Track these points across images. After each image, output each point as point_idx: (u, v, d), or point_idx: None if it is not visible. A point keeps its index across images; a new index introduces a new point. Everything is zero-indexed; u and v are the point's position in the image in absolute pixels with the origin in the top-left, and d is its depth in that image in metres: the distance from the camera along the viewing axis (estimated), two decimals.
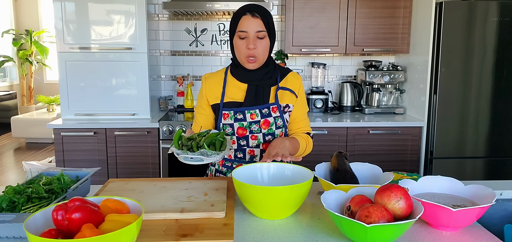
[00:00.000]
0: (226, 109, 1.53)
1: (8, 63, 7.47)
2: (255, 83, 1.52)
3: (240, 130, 1.53)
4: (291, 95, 1.57)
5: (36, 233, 0.89)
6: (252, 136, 1.54)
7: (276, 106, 1.53)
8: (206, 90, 1.59)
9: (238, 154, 1.58)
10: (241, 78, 1.54)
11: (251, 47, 1.44)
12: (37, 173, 1.40)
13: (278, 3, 3.40)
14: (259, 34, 1.44)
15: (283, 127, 1.56)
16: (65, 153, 2.92)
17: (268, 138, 1.55)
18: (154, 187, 1.42)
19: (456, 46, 2.81)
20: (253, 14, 1.43)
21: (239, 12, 1.47)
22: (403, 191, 1.05)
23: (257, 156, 1.57)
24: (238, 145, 1.56)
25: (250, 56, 1.46)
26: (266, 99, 1.53)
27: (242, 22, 1.45)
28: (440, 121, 2.89)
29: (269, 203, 1.15)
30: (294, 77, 1.60)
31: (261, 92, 1.52)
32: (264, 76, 1.52)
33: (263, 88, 1.53)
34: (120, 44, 2.93)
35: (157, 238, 1.06)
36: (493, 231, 1.33)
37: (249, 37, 1.44)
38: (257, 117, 1.52)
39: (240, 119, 1.52)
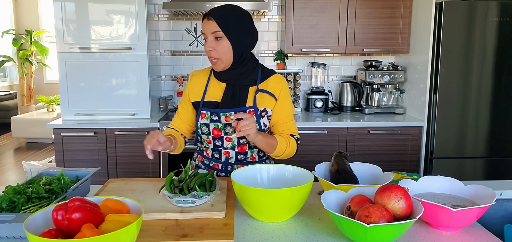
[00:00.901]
0: (204, 109, 1.55)
1: (8, 63, 7.47)
2: (231, 83, 1.53)
3: (216, 131, 1.54)
4: (270, 98, 1.54)
5: (36, 233, 0.89)
6: (226, 138, 1.54)
7: (253, 110, 1.51)
8: (189, 87, 1.63)
9: (214, 154, 1.59)
10: (219, 77, 1.55)
11: (207, 48, 1.47)
12: (37, 173, 1.40)
13: (278, 3, 3.40)
14: (216, 35, 1.44)
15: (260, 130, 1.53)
16: (65, 153, 2.91)
17: (242, 141, 1.54)
18: (154, 187, 1.42)
19: (456, 46, 2.81)
20: (208, 17, 1.45)
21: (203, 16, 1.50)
22: (403, 191, 1.05)
23: (232, 158, 1.57)
24: (214, 145, 1.57)
25: (211, 58, 1.49)
26: (243, 101, 1.52)
27: (202, 26, 1.48)
28: (440, 120, 2.89)
29: (269, 205, 1.15)
30: (276, 80, 1.57)
31: (237, 93, 1.52)
32: (240, 76, 1.51)
33: (240, 88, 1.52)
34: (120, 44, 2.93)
35: (157, 238, 1.06)
36: (493, 231, 1.33)
37: (208, 40, 1.47)
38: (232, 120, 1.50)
39: (215, 121, 1.52)
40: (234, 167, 1.58)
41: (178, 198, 1.23)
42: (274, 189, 1.12)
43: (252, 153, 1.59)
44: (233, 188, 1.23)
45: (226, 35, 1.44)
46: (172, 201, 1.25)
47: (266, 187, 1.34)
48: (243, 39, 1.47)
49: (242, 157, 1.57)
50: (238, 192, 1.18)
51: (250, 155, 1.59)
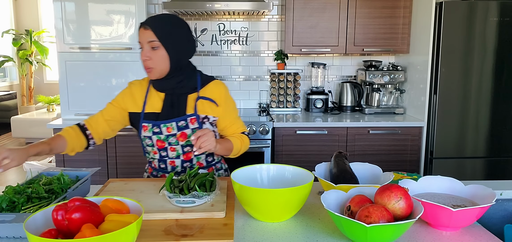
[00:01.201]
0: (145, 121, 1.52)
1: (8, 63, 7.47)
2: (170, 92, 1.52)
3: (159, 143, 1.53)
4: (211, 105, 1.55)
5: (36, 233, 0.89)
6: (170, 148, 1.54)
7: (194, 118, 1.52)
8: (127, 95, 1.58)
9: (160, 164, 1.59)
10: (157, 87, 1.53)
11: (145, 58, 1.45)
12: (37, 173, 1.40)
13: (278, 3, 3.40)
14: (152, 44, 1.43)
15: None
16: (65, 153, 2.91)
17: (186, 149, 1.55)
18: (154, 187, 1.42)
19: (456, 46, 2.81)
20: (144, 26, 1.44)
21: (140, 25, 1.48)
22: (403, 191, 1.05)
23: (178, 167, 1.58)
24: (159, 155, 1.57)
25: (145, 67, 1.47)
26: (182, 109, 1.52)
27: (139, 35, 1.46)
28: (440, 120, 2.89)
29: (269, 205, 1.15)
30: (216, 86, 1.58)
31: (176, 102, 1.52)
32: (178, 85, 1.51)
33: (178, 97, 1.52)
34: (120, 44, 2.93)
35: (157, 238, 1.06)
36: (493, 231, 1.33)
37: (144, 49, 1.45)
38: (173, 130, 1.51)
39: (157, 133, 1.52)
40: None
41: (178, 198, 1.23)
42: (274, 189, 1.12)
43: (198, 159, 1.59)
44: (233, 188, 1.22)
45: (163, 45, 1.44)
46: (172, 201, 1.25)
47: (266, 187, 1.34)
48: (179, 48, 1.48)
49: (188, 164, 1.58)
50: (238, 192, 1.18)
51: (196, 161, 1.59)
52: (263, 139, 2.89)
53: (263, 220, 1.20)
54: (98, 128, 1.56)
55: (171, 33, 1.46)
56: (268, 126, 2.88)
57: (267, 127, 2.88)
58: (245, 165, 1.35)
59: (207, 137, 1.37)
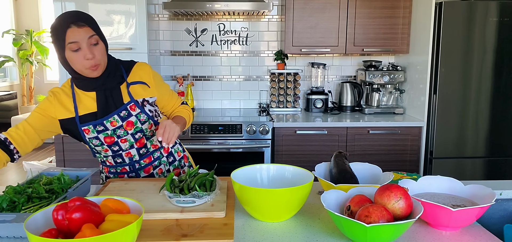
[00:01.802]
0: (84, 125, 1.45)
1: (9, 63, 7.46)
2: (101, 89, 1.46)
3: (107, 139, 1.49)
4: (143, 87, 1.53)
5: (36, 233, 0.89)
6: (121, 140, 1.51)
7: (133, 104, 1.49)
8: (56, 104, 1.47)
9: (117, 159, 1.57)
10: (87, 88, 1.46)
11: (89, 57, 1.35)
12: (38, 173, 1.40)
13: (278, 3, 3.40)
14: (92, 41, 1.36)
15: (149, 119, 1.53)
16: (65, 153, 2.92)
17: (138, 136, 1.53)
18: (154, 187, 1.42)
19: (456, 46, 2.81)
20: (78, 24, 1.33)
21: (62, 25, 1.33)
22: (403, 191, 1.05)
23: (135, 155, 1.57)
24: (112, 151, 1.53)
25: (92, 66, 1.38)
26: (119, 101, 1.48)
27: (69, 35, 1.32)
28: (439, 120, 2.89)
29: (269, 205, 1.15)
30: (140, 68, 1.55)
31: (110, 96, 1.47)
32: (107, 79, 1.46)
33: (111, 91, 1.47)
34: (120, 44, 2.93)
35: (157, 238, 1.06)
36: (492, 231, 1.33)
37: (83, 48, 1.35)
38: (118, 122, 1.48)
39: (102, 130, 1.47)
40: (140, 162, 1.59)
41: (178, 198, 1.24)
42: (274, 189, 1.12)
43: (152, 142, 1.60)
44: (233, 188, 1.23)
45: (100, 38, 1.40)
46: (172, 201, 1.25)
47: (266, 187, 1.34)
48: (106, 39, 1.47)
49: (144, 150, 1.58)
50: (238, 192, 1.18)
51: (150, 144, 1.59)
52: (263, 139, 2.89)
53: (263, 220, 1.21)
54: (26, 139, 1.42)
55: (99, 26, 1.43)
56: (268, 126, 2.88)
57: (267, 127, 2.88)
58: (245, 165, 1.35)
59: (170, 128, 1.37)
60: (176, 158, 1.71)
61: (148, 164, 1.61)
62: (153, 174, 1.63)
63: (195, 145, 2.91)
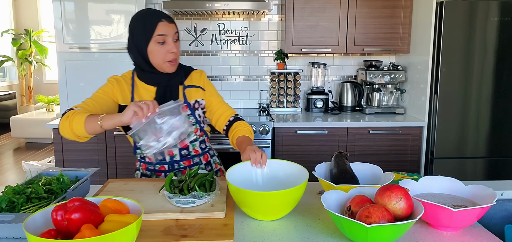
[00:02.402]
0: None
1: (8, 63, 7.46)
2: (163, 85, 1.54)
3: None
4: (197, 90, 1.62)
5: (35, 234, 0.89)
6: None
7: (186, 105, 1.57)
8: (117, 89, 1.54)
9: (158, 156, 1.58)
10: (150, 81, 1.54)
11: (175, 50, 1.49)
12: (37, 173, 1.40)
13: (278, 3, 3.40)
14: (175, 37, 1.50)
15: (196, 123, 1.60)
16: (64, 153, 2.91)
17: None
18: (154, 187, 1.42)
19: (457, 46, 2.80)
20: (169, 20, 1.48)
21: (153, 18, 1.46)
22: (403, 191, 1.05)
23: (176, 155, 1.60)
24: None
25: (172, 60, 1.49)
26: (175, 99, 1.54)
27: (160, 28, 1.45)
28: (440, 120, 2.89)
29: (265, 206, 1.16)
30: (197, 74, 1.65)
31: (169, 92, 1.55)
32: (171, 77, 1.55)
33: (171, 88, 1.56)
34: (120, 44, 2.92)
35: (157, 238, 1.05)
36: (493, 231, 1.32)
37: (169, 42, 1.47)
38: None
39: None
40: (180, 164, 1.61)
41: (178, 198, 1.23)
42: (268, 191, 1.12)
43: (194, 146, 1.63)
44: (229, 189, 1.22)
45: (178, 37, 1.53)
46: (172, 201, 1.24)
47: (261, 183, 1.35)
48: None
49: (186, 152, 1.61)
50: (234, 194, 1.19)
51: (193, 148, 1.63)
52: (263, 139, 2.89)
53: (260, 218, 1.21)
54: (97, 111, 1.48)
55: None
56: (268, 126, 2.88)
57: (267, 127, 2.87)
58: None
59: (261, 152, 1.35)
60: (213, 168, 1.72)
61: (187, 167, 1.63)
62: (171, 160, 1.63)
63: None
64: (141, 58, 1.49)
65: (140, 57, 1.49)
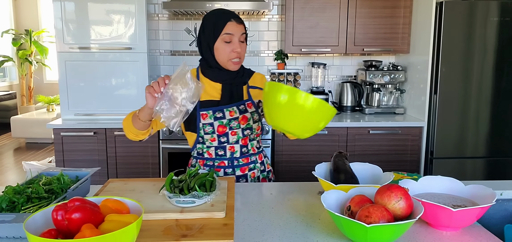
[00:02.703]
0: (203, 109, 1.56)
1: (8, 63, 7.47)
2: (229, 82, 1.60)
3: (220, 128, 1.58)
4: (260, 92, 1.68)
5: (35, 233, 0.89)
6: (231, 132, 1.59)
7: (250, 102, 1.63)
8: None
9: (218, 151, 1.62)
10: (216, 78, 1.60)
11: (239, 50, 1.53)
12: (37, 173, 1.40)
13: (278, 3, 3.40)
14: (241, 38, 1.55)
15: (259, 120, 1.66)
16: (65, 153, 2.91)
17: (246, 132, 1.62)
18: (154, 187, 1.42)
19: (457, 46, 2.80)
20: (238, 20, 1.54)
21: (223, 17, 1.53)
22: (403, 191, 1.05)
23: (237, 151, 1.63)
24: (218, 142, 1.60)
25: (235, 58, 1.54)
26: (240, 97, 1.62)
27: (228, 27, 1.52)
28: (440, 120, 2.89)
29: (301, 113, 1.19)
30: (260, 76, 1.73)
31: (235, 90, 1.60)
32: (237, 76, 1.61)
33: (237, 86, 1.61)
34: (120, 44, 2.93)
35: (157, 238, 1.05)
36: (493, 231, 1.32)
37: (235, 42, 1.53)
38: (236, 114, 1.59)
39: (219, 118, 1.57)
40: (239, 160, 1.63)
41: (178, 198, 1.23)
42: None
43: (252, 145, 1.66)
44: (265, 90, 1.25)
45: (246, 39, 1.58)
46: (172, 201, 1.25)
47: None
48: None
49: (245, 149, 1.64)
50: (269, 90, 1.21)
51: (251, 147, 1.66)
52: (263, 139, 2.89)
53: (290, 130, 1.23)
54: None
55: None
56: (268, 126, 2.88)
57: (267, 127, 2.88)
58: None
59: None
60: (266, 169, 1.74)
61: (245, 164, 1.65)
62: (247, 175, 1.66)
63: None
64: (209, 53, 1.56)
65: (209, 52, 1.55)
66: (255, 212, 1.28)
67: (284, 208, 1.31)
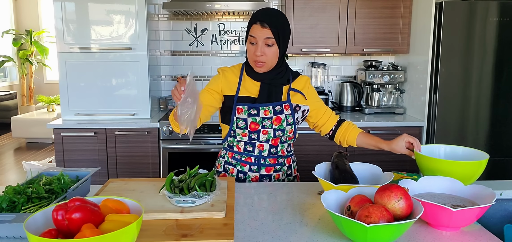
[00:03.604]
0: (240, 104, 1.58)
1: (8, 63, 7.47)
2: (267, 82, 1.59)
3: (253, 125, 1.58)
4: (301, 97, 1.66)
5: (36, 233, 0.89)
6: (263, 131, 1.59)
7: (288, 104, 1.61)
8: (223, 80, 1.64)
9: (247, 147, 1.62)
10: (255, 77, 1.61)
11: (258, 54, 1.52)
12: (37, 173, 1.40)
13: (278, 3, 3.40)
14: (268, 42, 1.51)
15: (293, 124, 1.63)
16: (65, 153, 2.91)
17: (278, 133, 1.61)
18: (154, 187, 1.42)
19: (456, 46, 2.81)
20: (262, 24, 1.49)
21: (251, 19, 1.54)
22: (403, 191, 1.05)
23: (265, 151, 1.62)
24: (249, 138, 1.61)
25: (257, 62, 1.53)
26: (278, 98, 1.60)
27: (252, 30, 1.52)
28: (440, 121, 2.89)
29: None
30: (303, 79, 1.70)
31: (273, 90, 1.60)
32: (276, 76, 1.60)
33: (275, 87, 1.60)
34: (120, 44, 2.93)
35: (157, 238, 1.06)
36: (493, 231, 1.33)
37: (257, 44, 1.51)
38: (270, 113, 1.58)
39: (254, 115, 1.57)
40: (266, 160, 1.63)
41: (178, 198, 1.23)
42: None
43: (282, 147, 1.66)
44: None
45: (277, 43, 1.52)
46: (172, 201, 1.25)
47: None
48: (287, 45, 1.59)
49: (274, 150, 1.64)
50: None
51: (281, 149, 1.65)
52: None
53: None
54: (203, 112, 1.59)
55: (284, 31, 1.53)
56: None
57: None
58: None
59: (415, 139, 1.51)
60: (292, 174, 1.73)
61: (271, 165, 1.65)
62: (271, 176, 1.66)
63: (194, 145, 2.91)
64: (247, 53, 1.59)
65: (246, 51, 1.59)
66: (255, 212, 1.28)
67: (284, 208, 1.31)
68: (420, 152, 1.45)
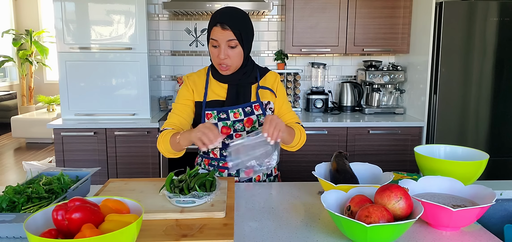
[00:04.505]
0: (209, 109, 1.55)
1: (8, 63, 7.47)
2: (234, 83, 1.56)
3: (224, 129, 1.55)
4: (271, 94, 1.62)
5: (36, 233, 0.89)
6: (236, 134, 1.56)
7: (258, 104, 1.58)
8: (192, 87, 1.60)
9: (223, 152, 1.60)
10: (221, 79, 1.57)
11: (222, 57, 1.47)
12: (37, 173, 1.40)
13: (278, 3, 3.40)
14: (230, 44, 1.46)
15: None
16: (65, 153, 2.91)
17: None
18: (154, 187, 1.42)
19: (456, 46, 2.81)
20: (223, 26, 1.44)
21: (211, 21, 1.48)
22: (403, 191, 1.05)
23: None
24: (223, 143, 1.58)
25: (221, 64, 1.50)
26: (247, 98, 1.57)
27: (213, 32, 1.47)
28: (440, 121, 2.89)
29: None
30: (272, 76, 1.65)
31: (241, 91, 1.56)
32: (243, 77, 1.56)
33: (243, 87, 1.57)
34: (120, 44, 2.93)
35: (157, 238, 1.06)
36: (493, 231, 1.33)
37: (220, 47, 1.47)
38: (241, 116, 1.55)
39: (223, 119, 1.55)
40: None
41: (178, 198, 1.23)
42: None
43: None
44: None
45: (240, 43, 1.47)
46: (172, 201, 1.25)
47: None
48: (251, 44, 1.54)
49: None
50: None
51: None
52: None
53: None
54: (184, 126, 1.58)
55: (247, 31, 1.49)
56: None
57: None
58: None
59: (276, 123, 1.32)
60: (272, 173, 1.71)
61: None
62: (252, 179, 1.63)
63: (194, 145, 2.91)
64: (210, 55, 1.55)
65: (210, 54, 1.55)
66: (255, 212, 1.28)
67: (284, 208, 1.31)
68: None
